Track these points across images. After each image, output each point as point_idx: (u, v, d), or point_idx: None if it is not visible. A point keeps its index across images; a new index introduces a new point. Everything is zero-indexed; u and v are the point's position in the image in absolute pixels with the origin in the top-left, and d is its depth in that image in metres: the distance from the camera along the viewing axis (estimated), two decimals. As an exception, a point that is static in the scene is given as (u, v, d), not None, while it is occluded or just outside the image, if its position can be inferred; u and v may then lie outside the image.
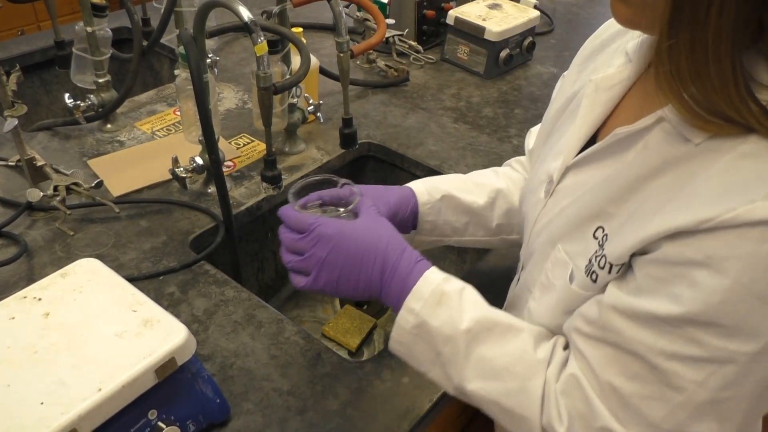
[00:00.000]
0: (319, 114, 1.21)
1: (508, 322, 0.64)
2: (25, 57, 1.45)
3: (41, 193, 0.91)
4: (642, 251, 0.54)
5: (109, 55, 1.21)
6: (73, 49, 1.21)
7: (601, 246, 0.59)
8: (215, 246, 0.97)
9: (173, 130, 1.25)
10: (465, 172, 1.15)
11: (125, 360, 0.63)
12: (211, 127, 0.91)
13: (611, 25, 0.75)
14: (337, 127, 1.24)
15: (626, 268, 0.56)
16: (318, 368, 0.80)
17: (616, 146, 0.61)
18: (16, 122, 0.88)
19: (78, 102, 1.17)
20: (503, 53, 1.46)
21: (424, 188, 0.85)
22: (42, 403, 0.59)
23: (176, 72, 1.05)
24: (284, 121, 1.15)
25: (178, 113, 1.30)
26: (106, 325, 0.67)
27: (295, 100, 1.16)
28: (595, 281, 0.59)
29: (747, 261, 0.46)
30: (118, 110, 1.25)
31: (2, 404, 0.59)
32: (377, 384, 0.78)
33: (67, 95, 1.16)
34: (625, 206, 0.57)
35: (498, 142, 1.25)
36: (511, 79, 1.49)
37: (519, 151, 1.22)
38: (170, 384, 0.67)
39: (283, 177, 1.01)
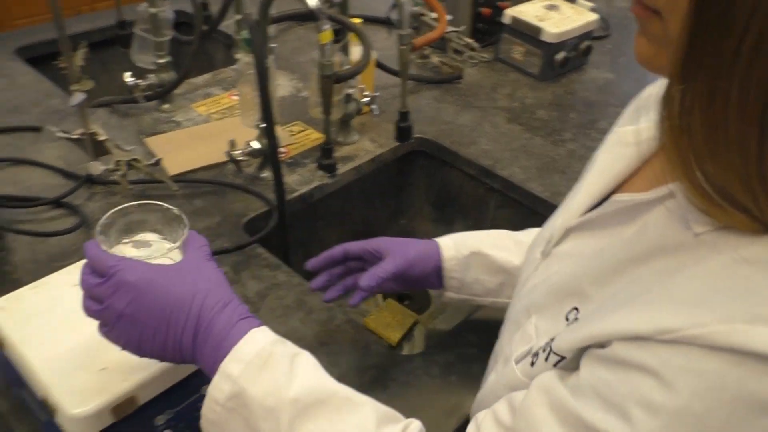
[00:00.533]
0: (374, 106, 1.21)
1: (347, 395, 0.53)
2: (84, 36, 1.48)
3: (102, 167, 0.92)
4: (591, 345, 0.45)
5: (170, 36, 1.22)
6: (135, 30, 1.23)
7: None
8: (268, 230, 0.98)
9: (228, 114, 1.27)
10: (519, 174, 1.15)
11: (184, 334, 0.64)
12: (271, 112, 0.91)
13: None
14: (390, 120, 1.24)
15: (569, 363, 0.48)
16: (367, 359, 0.80)
17: (616, 216, 0.52)
18: (84, 96, 0.89)
19: (138, 81, 1.18)
20: (559, 55, 1.44)
21: (451, 243, 0.80)
22: (104, 369, 0.60)
23: (237, 56, 1.06)
24: (340, 111, 1.15)
25: (234, 97, 1.32)
26: (167, 299, 0.67)
27: (351, 90, 1.16)
28: (532, 365, 0.51)
29: (705, 386, 0.37)
30: (176, 91, 1.27)
31: (65, 368, 0.60)
32: (425, 380, 0.78)
33: (128, 74, 1.18)
34: (605, 290, 0.48)
35: (552, 145, 1.24)
36: (565, 82, 1.47)
37: (573, 155, 1.20)
38: (225, 361, 0.68)
39: (337, 166, 1.01)
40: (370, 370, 0.78)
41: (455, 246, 0.80)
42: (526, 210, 1.15)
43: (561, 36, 1.41)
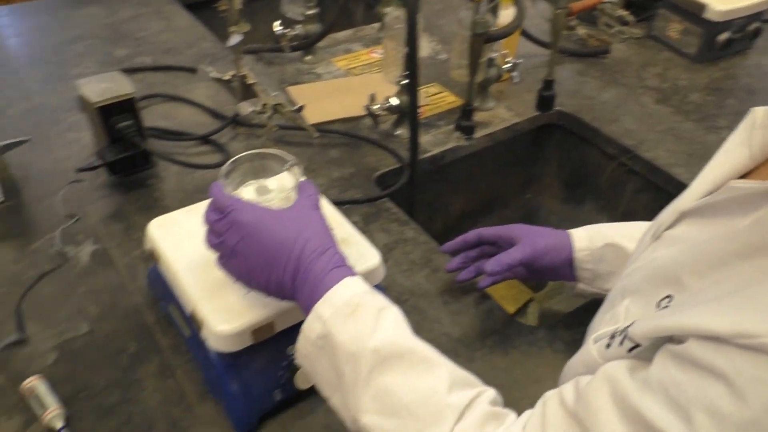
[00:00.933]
0: (514, 73, 1.18)
1: (426, 354, 0.53)
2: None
3: (250, 108, 0.96)
4: (669, 340, 0.43)
5: (320, -12, 1.25)
6: (288, -20, 1.26)
7: None
8: (399, 186, 0.98)
9: (367, 70, 1.28)
10: (664, 158, 1.08)
11: (322, 271, 0.65)
12: (417, 67, 0.91)
13: None
14: (528, 90, 1.21)
15: (643, 353, 0.45)
16: (490, 323, 0.79)
17: (731, 204, 0.48)
18: (241, 38, 0.93)
19: (285, 31, 1.22)
20: (722, 36, 1.33)
21: (584, 234, 0.78)
22: (247, 294, 0.63)
23: (385, 10, 1.06)
24: (481, 74, 1.13)
25: (373, 54, 1.33)
26: (306, 236, 0.69)
27: (494, 55, 1.13)
28: (608, 347, 0.50)
29: None
30: (318, 45, 1.30)
31: (212, 288, 0.63)
32: (548, 353, 0.76)
33: (277, 23, 1.22)
34: (702, 282, 0.45)
35: (704, 131, 1.15)
36: (725, 66, 1.35)
37: (727, 143, 1.11)
38: (355, 304, 0.69)
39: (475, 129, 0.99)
40: (492, 334, 0.77)
41: (588, 237, 0.77)
42: (667, 196, 1.07)
43: (727, 15, 1.30)
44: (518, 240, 0.79)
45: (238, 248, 0.56)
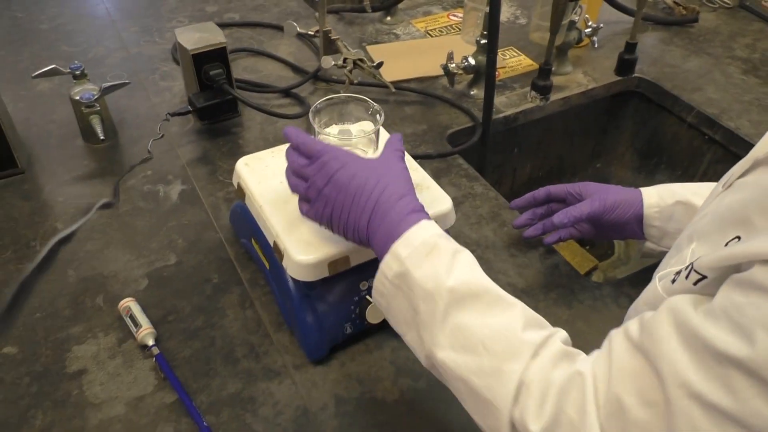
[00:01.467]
0: (594, 38, 1.16)
1: (500, 294, 0.54)
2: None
3: (333, 62, 1.00)
4: (734, 271, 0.43)
5: (403, -50, 1.26)
6: (372, -59, 1.28)
7: None
8: (471, 144, 1.00)
9: (445, 32, 1.29)
10: (747, 128, 1.05)
11: (396, 213, 0.69)
12: (497, 27, 0.92)
13: None
14: (608, 56, 1.19)
15: (708, 286, 0.45)
16: (554, 277, 0.80)
17: None
18: (327, -7, 0.96)
19: (368, -10, 1.24)
20: (821, 7, 1.26)
21: (655, 191, 0.77)
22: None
23: (468, -29, 1.06)
24: (561, 36, 1.12)
25: (452, 17, 1.33)
26: (382, 181, 0.73)
27: (576, 18, 1.12)
28: (673, 282, 0.50)
29: None
30: (398, 6, 1.32)
31: (293, 222, 0.67)
32: (612, 308, 0.77)
33: (360, -18, 1.25)
34: None
35: (793, 103, 1.11)
36: (822, 38, 1.29)
37: (817, 117, 1.07)
38: (425, 247, 0.72)
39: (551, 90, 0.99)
40: (556, 288, 0.79)
41: (659, 194, 0.76)
42: (748, 169, 1.05)
43: (828, -17, 1.23)
44: (587, 196, 0.79)
45: (325, 190, 0.59)
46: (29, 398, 0.67)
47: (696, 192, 0.75)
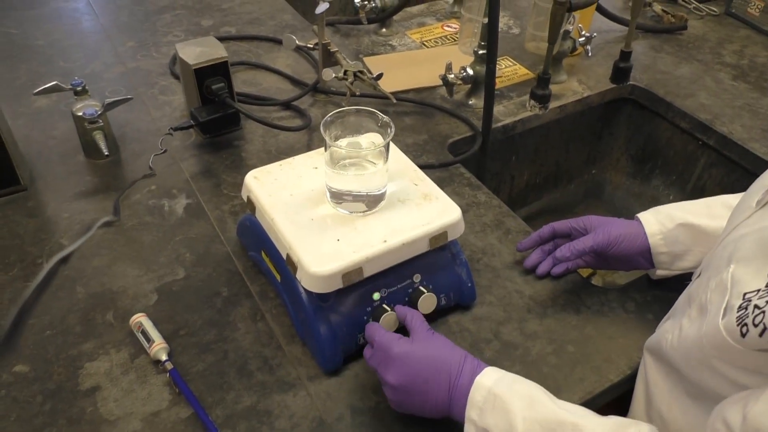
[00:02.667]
0: (588, 47, 1.18)
1: (574, 422, 0.55)
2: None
3: (333, 75, 1.01)
4: None
5: (397, -38, 1.27)
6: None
7: None
8: (472, 153, 1.01)
9: (440, 43, 1.30)
10: (740, 132, 1.07)
11: (407, 222, 0.70)
12: (496, 39, 0.93)
13: None
14: (601, 64, 1.21)
15: None
16: (561, 283, 0.82)
17: None
18: (327, 6, 0.97)
19: (365, 2, 1.26)
20: (806, 13, 1.30)
21: (653, 218, 0.77)
22: (338, 240, 0.67)
23: (464, -17, 1.08)
24: (556, 46, 1.14)
25: (446, 28, 1.35)
26: (392, 191, 0.74)
27: (570, 28, 1.14)
28: (743, 336, 0.48)
29: None
30: (394, 17, 1.33)
31: (306, 234, 0.68)
32: (620, 312, 0.78)
33: (356, -6, 1.26)
34: None
35: (783, 107, 1.13)
36: (807, 44, 1.32)
37: (807, 120, 1.09)
38: (436, 256, 0.73)
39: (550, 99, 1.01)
40: (563, 293, 0.80)
41: (658, 221, 0.77)
42: (741, 170, 1.07)
43: (812, -10, 1.27)
44: (591, 229, 0.80)
45: (390, 380, 0.63)
46: (43, 416, 0.66)
47: (690, 211, 0.76)
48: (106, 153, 0.93)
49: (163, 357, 0.71)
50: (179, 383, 0.69)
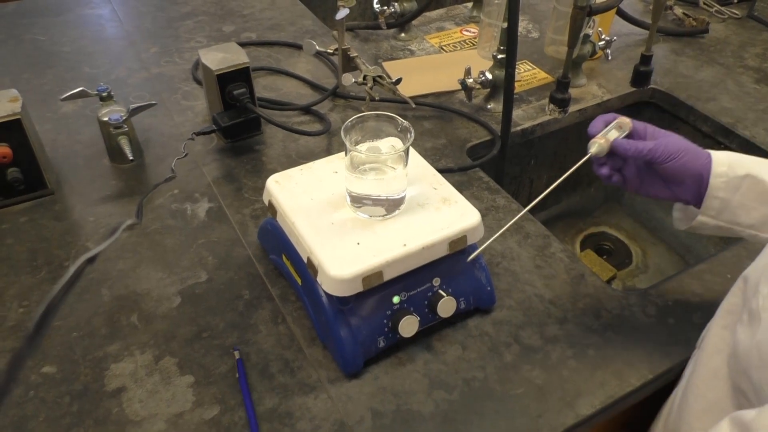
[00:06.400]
0: (608, 51, 1.18)
1: None
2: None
3: (353, 80, 1.02)
4: None
5: (416, -33, 1.28)
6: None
7: None
8: (491, 157, 1.02)
9: (459, 48, 1.31)
10: (763, 136, 1.06)
11: (426, 226, 0.70)
12: (515, 43, 0.93)
13: None
14: (621, 68, 1.21)
15: None
16: (581, 287, 0.82)
17: None
18: (347, 11, 0.98)
19: (384, 8, 1.27)
20: (830, 15, 1.28)
21: (726, 159, 0.70)
22: (358, 244, 0.68)
23: (483, -13, 1.08)
24: (575, 50, 1.14)
25: (465, 33, 1.35)
26: (411, 194, 0.74)
27: (590, 31, 1.14)
28: None
29: None
30: (412, 22, 1.34)
31: (326, 237, 0.69)
32: (640, 317, 0.78)
33: (375, 0, 1.27)
34: None
35: (807, 110, 1.12)
36: (832, 46, 1.31)
37: (832, 124, 1.08)
38: (455, 260, 0.74)
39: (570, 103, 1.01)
40: (583, 297, 0.80)
41: (729, 163, 0.70)
42: (764, 176, 1.06)
43: (836, -8, 1.25)
44: (651, 138, 0.74)
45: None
46: (70, 417, 0.68)
47: (763, 165, 0.69)
48: (131, 158, 0.95)
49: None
50: (242, 379, 0.71)
